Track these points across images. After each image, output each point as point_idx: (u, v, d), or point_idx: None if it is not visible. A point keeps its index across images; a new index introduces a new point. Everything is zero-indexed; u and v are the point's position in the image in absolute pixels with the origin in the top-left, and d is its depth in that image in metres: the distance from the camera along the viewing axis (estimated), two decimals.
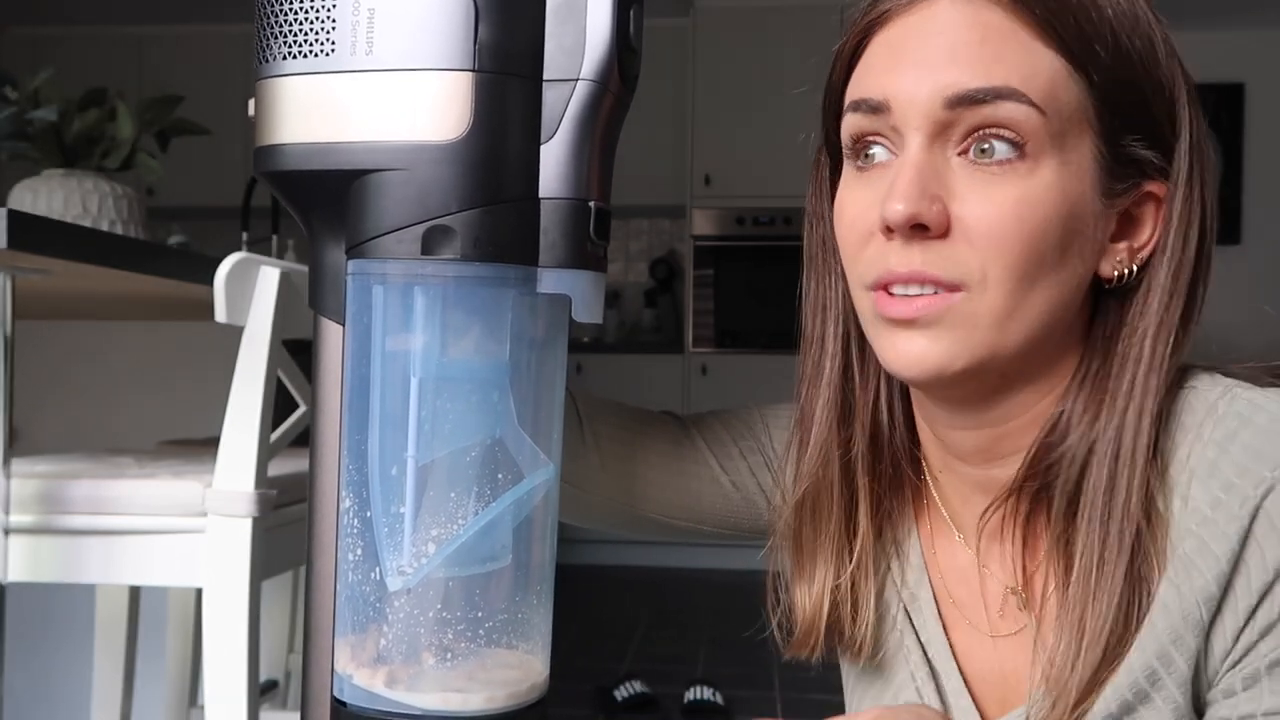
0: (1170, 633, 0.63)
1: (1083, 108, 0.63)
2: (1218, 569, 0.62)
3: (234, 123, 3.91)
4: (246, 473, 1.25)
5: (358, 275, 0.51)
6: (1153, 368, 0.65)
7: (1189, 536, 0.63)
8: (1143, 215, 0.67)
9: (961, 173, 0.62)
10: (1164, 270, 0.65)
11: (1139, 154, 0.65)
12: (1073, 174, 0.63)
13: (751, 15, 4.63)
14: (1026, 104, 0.61)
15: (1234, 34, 4.66)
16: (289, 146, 0.51)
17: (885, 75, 0.64)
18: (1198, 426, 0.64)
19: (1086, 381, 0.67)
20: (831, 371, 0.74)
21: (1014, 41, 0.62)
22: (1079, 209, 0.63)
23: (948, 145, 0.63)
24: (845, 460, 0.74)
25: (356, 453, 0.52)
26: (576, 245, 0.50)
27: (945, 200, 0.62)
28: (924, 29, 0.63)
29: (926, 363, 0.63)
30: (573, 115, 0.50)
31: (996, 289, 0.62)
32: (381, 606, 0.53)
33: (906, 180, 0.62)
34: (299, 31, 0.49)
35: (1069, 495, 0.66)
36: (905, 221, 0.61)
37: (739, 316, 4.68)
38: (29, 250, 1.13)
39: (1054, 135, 0.62)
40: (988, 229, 0.61)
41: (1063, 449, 0.66)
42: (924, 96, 0.62)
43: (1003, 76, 0.61)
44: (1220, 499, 0.62)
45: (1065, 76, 0.62)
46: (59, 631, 2.15)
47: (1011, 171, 0.62)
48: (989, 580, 0.73)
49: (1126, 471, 0.64)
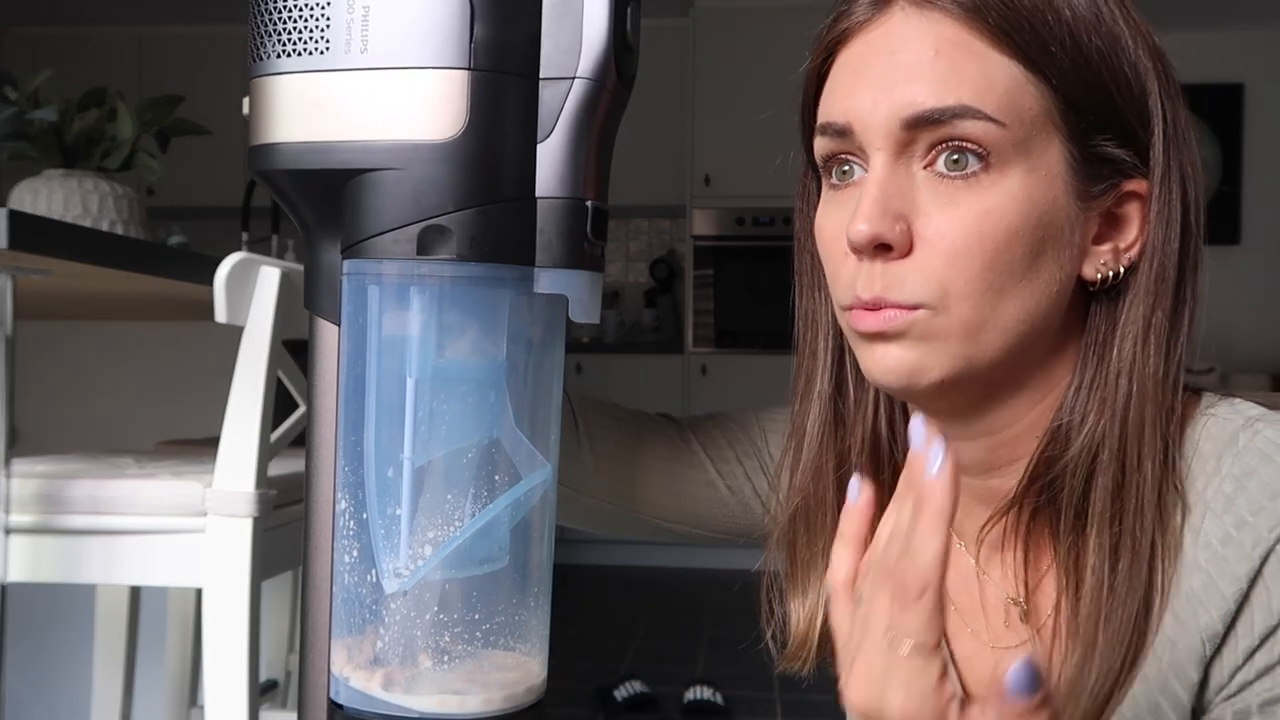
0: (1174, 667, 0.62)
1: (1046, 111, 0.62)
2: (1224, 607, 0.61)
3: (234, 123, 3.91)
4: (246, 473, 1.25)
5: (353, 275, 0.51)
6: (1146, 371, 0.64)
7: (1197, 572, 0.62)
8: (1128, 215, 0.66)
9: (926, 187, 0.62)
10: (1148, 269, 0.65)
11: (1111, 153, 0.64)
12: (1041, 180, 0.62)
13: (751, 15, 4.62)
14: (984, 119, 0.60)
15: (1234, 34, 4.66)
16: (283, 145, 0.50)
17: (847, 97, 0.64)
18: (1217, 458, 0.64)
19: (1083, 389, 0.66)
20: (823, 385, 0.74)
21: (968, 53, 0.61)
22: (1050, 215, 0.62)
23: (912, 160, 0.63)
24: (839, 473, 0.73)
25: (352, 454, 0.52)
26: (573, 245, 0.50)
27: (910, 217, 0.62)
28: (880, 46, 0.63)
29: (900, 371, 0.63)
30: (569, 114, 0.49)
31: (961, 303, 0.62)
32: (378, 608, 0.52)
33: (870, 200, 0.62)
34: (293, 29, 0.49)
35: (1076, 507, 0.65)
36: (868, 242, 0.61)
37: (738, 317, 4.68)
38: (29, 250, 1.13)
39: (1017, 143, 0.61)
40: (949, 245, 0.61)
41: (1065, 460, 0.65)
42: (882, 117, 0.62)
43: (957, 94, 0.61)
44: (1232, 535, 0.61)
45: (1024, 83, 0.61)
46: (59, 631, 2.15)
47: (975, 184, 0.61)
48: (989, 589, 0.73)
49: (1135, 480, 0.63)
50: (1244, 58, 4.72)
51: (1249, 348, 4.62)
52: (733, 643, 3.25)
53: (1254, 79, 4.77)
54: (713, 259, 4.73)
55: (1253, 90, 4.78)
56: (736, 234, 4.69)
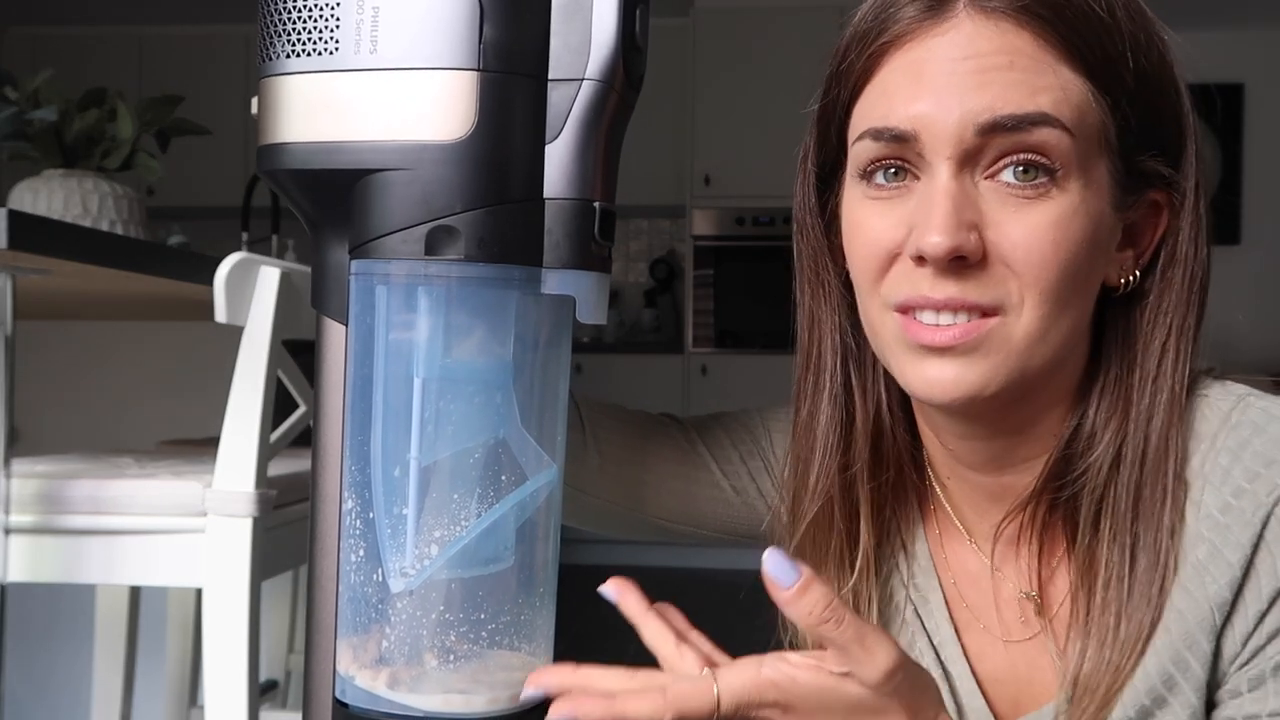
0: (1185, 637, 0.63)
1: (1103, 128, 0.63)
2: (1230, 574, 0.62)
3: (234, 123, 3.92)
4: (246, 473, 1.25)
5: (361, 275, 0.51)
6: (1175, 375, 0.65)
7: (1201, 542, 0.63)
8: (1144, 223, 0.68)
9: (991, 197, 0.62)
10: (1180, 278, 0.66)
11: (1151, 167, 0.65)
12: (1094, 193, 0.63)
13: (751, 15, 4.62)
14: (1060, 128, 0.61)
15: (1234, 34, 4.66)
16: (292, 145, 0.50)
17: (910, 103, 0.62)
18: (1212, 436, 0.65)
19: (1106, 391, 0.67)
20: (832, 386, 0.73)
21: (1042, 65, 0.61)
22: (1100, 227, 0.63)
23: (975, 170, 0.62)
24: (845, 474, 0.73)
25: (359, 454, 0.52)
26: (581, 246, 0.50)
27: (979, 227, 0.61)
28: (947, 53, 0.62)
29: (960, 389, 0.63)
30: (578, 115, 0.49)
31: (1032, 312, 0.62)
32: (384, 608, 0.52)
33: (943, 212, 0.60)
34: (303, 30, 0.49)
35: (1096, 505, 0.66)
36: (946, 255, 0.60)
37: (739, 317, 4.68)
38: (29, 250, 1.13)
39: (1080, 156, 0.62)
40: (1025, 254, 0.61)
41: (1090, 459, 0.66)
42: (954, 123, 0.61)
43: (1036, 102, 0.60)
44: (1231, 504, 0.62)
45: (1090, 99, 0.62)
46: (59, 631, 2.14)
47: (1044, 195, 0.61)
48: (1003, 585, 0.73)
49: (1152, 478, 0.64)
50: (1244, 58, 4.72)
51: (1249, 348, 4.61)
52: (733, 643, 3.24)
53: (1254, 79, 4.77)
54: (713, 259, 4.72)
55: (1253, 90, 4.78)
56: (736, 234, 4.69)
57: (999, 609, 0.73)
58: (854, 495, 0.73)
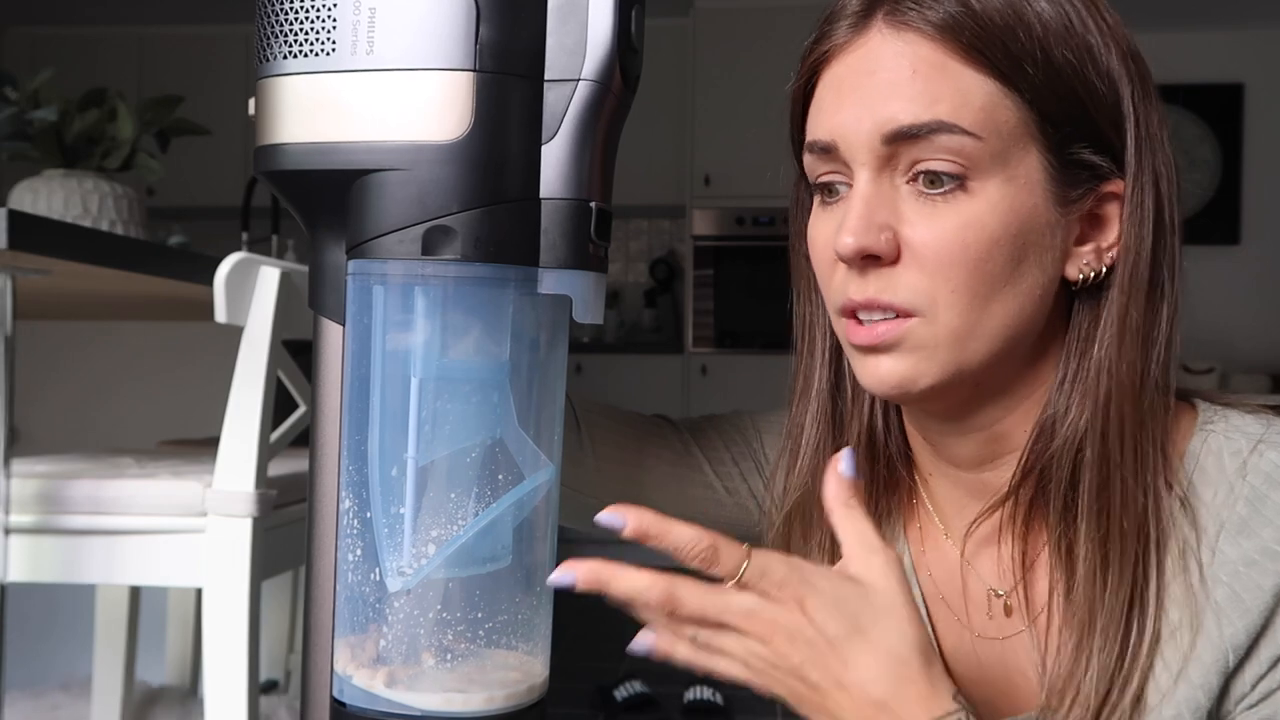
0: (1201, 677, 0.64)
1: (1023, 123, 0.64)
2: (1248, 621, 0.63)
3: (234, 123, 3.91)
4: (246, 473, 1.25)
5: (358, 275, 0.51)
6: (1123, 367, 0.66)
7: (1220, 586, 0.64)
8: (1108, 215, 0.68)
9: (910, 199, 0.65)
10: (1123, 269, 0.67)
11: (1088, 159, 0.66)
12: (1020, 189, 0.64)
13: (751, 15, 4.62)
14: (960, 133, 0.63)
15: (1234, 34, 4.66)
16: (289, 146, 0.50)
17: (831, 116, 0.66)
18: (1228, 482, 0.66)
19: (1066, 383, 0.68)
20: (821, 384, 0.76)
21: (944, 72, 0.63)
22: (1030, 222, 0.64)
23: (895, 174, 0.65)
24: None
25: (356, 453, 0.52)
26: (577, 246, 0.50)
27: (895, 227, 0.64)
28: (861, 66, 0.66)
29: (892, 381, 0.66)
30: (574, 116, 0.50)
31: (948, 311, 0.64)
32: (381, 607, 0.52)
33: (855, 214, 0.64)
34: (300, 31, 0.49)
35: (1064, 498, 0.67)
36: (854, 254, 0.64)
37: (739, 317, 4.68)
38: (29, 250, 1.13)
39: (995, 155, 0.63)
40: (934, 255, 0.63)
41: (1050, 452, 0.67)
42: (865, 133, 0.64)
43: (934, 110, 0.63)
44: (1256, 560, 0.64)
45: (1000, 97, 0.63)
46: (59, 631, 2.15)
47: (954, 198, 0.63)
48: (974, 581, 0.74)
49: (1119, 474, 0.65)
50: (1244, 58, 4.72)
51: (1249, 348, 4.62)
52: None
53: (1254, 79, 4.77)
54: (713, 259, 4.72)
55: (1253, 90, 4.78)
56: (736, 234, 4.69)
57: (968, 606, 0.74)
58: None
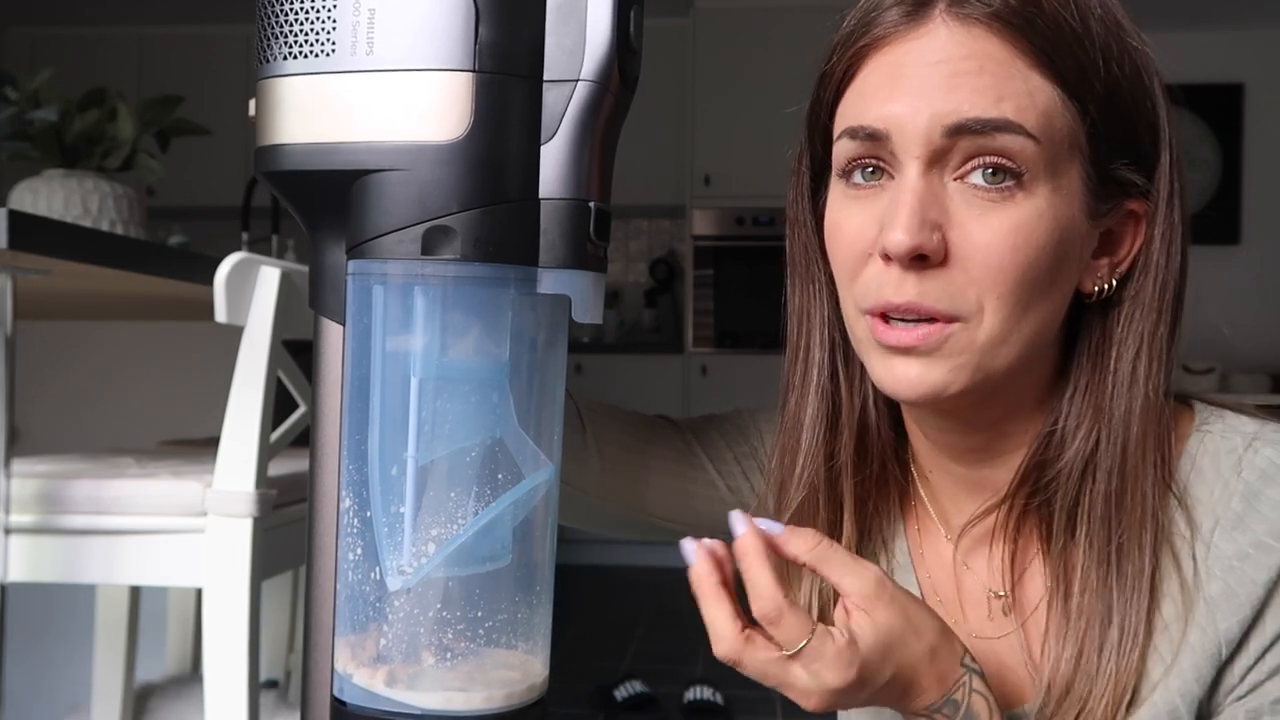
0: (1195, 670, 0.65)
1: (1074, 134, 0.64)
2: (1241, 614, 0.64)
3: (234, 123, 3.92)
4: (246, 473, 1.25)
5: (358, 275, 0.51)
6: (1150, 384, 0.66)
7: (1214, 580, 0.65)
8: (1122, 231, 0.68)
9: (958, 198, 0.63)
10: (1150, 287, 0.67)
11: (1125, 176, 0.66)
12: (1063, 199, 0.64)
13: (751, 15, 4.63)
14: (1023, 135, 0.62)
15: (1234, 34, 4.66)
16: (289, 147, 0.51)
17: (884, 103, 0.64)
18: (1223, 479, 0.66)
19: (1077, 397, 0.68)
20: (820, 379, 0.75)
21: (1012, 71, 0.62)
22: (1068, 233, 0.64)
23: (944, 170, 0.63)
24: (831, 466, 0.74)
25: (356, 453, 0.52)
26: (576, 246, 0.50)
27: (944, 227, 0.63)
28: (922, 56, 0.63)
29: (923, 387, 0.64)
30: (573, 116, 0.50)
31: (992, 317, 0.63)
32: (381, 606, 0.53)
33: (908, 210, 0.62)
34: (299, 32, 0.49)
35: (1069, 510, 0.67)
36: (907, 253, 0.62)
37: (739, 317, 4.68)
38: (29, 250, 1.13)
39: (1048, 162, 0.63)
40: (984, 258, 0.62)
41: (1060, 465, 0.67)
42: (923, 124, 0.62)
43: (1001, 108, 0.61)
44: (1250, 554, 0.64)
45: (1060, 105, 0.63)
46: (59, 631, 2.15)
47: (1008, 199, 0.62)
48: (970, 580, 0.74)
49: (1138, 488, 0.65)
50: (1244, 58, 4.72)
51: (1249, 348, 4.62)
52: None
53: (1254, 79, 4.77)
54: (713, 259, 4.73)
55: (1253, 90, 4.78)
56: (736, 234, 4.69)
57: (963, 605, 0.74)
58: (838, 488, 0.75)
